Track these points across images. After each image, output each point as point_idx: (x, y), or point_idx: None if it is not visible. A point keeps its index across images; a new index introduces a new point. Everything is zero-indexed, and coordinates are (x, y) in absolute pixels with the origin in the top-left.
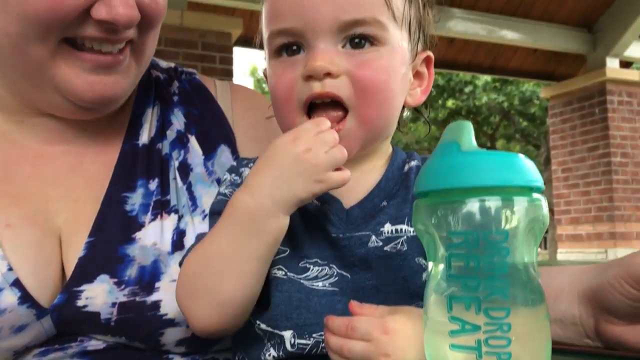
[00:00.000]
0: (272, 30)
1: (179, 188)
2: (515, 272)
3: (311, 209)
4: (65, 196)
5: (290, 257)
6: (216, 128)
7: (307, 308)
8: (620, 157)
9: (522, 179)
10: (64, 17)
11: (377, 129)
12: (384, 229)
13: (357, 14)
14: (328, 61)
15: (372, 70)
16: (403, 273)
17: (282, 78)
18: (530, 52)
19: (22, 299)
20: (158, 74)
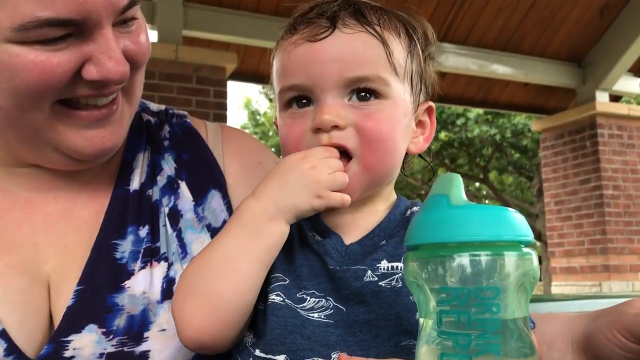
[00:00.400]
0: (283, 86)
1: (169, 235)
2: (507, 329)
3: (312, 243)
4: (55, 242)
5: (289, 287)
6: (207, 172)
7: (302, 334)
8: (612, 190)
9: (512, 234)
10: (56, 84)
11: (379, 175)
12: (380, 265)
13: (361, 71)
14: (335, 115)
15: (376, 121)
16: (396, 309)
17: (292, 130)
18: (521, 86)
19: (8, 351)
20: (149, 118)
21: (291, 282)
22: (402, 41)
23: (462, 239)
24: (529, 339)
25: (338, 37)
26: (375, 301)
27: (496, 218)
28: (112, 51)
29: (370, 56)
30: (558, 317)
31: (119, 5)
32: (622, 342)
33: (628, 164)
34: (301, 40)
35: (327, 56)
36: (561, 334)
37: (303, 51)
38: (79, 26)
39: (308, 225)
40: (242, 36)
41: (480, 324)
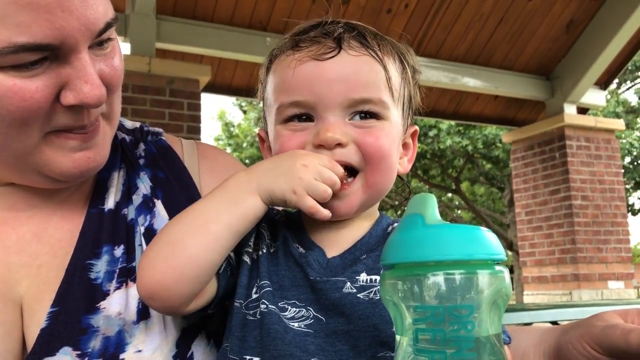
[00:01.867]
0: (284, 102)
1: None
2: (481, 345)
3: (296, 255)
4: (29, 263)
5: (273, 295)
6: (182, 191)
7: (282, 340)
8: (580, 200)
9: (485, 252)
10: (37, 110)
11: (379, 192)
12: (359, 278)
13: (365, 94)
14: (339, 133)
15: (376, 138)
16: (374, 321)
17: (291, 141)
18: (491, 99)
19: None
20: (124, 136)
21: (274, 291)
22: (397, 67)
23: (436, 258)
24: (502, 355)
25: (344, 58)
26: (353, 312)
27: (469, 237)
28: (89, 75)
29: (374, 79)
30: (530, 330)
31: (96, 29)
32: (590, 354)
33: (596, 174)
34: (307, 58)
35: (334, 75)
36: (533, 346)
37: (309, 69)
38: (55, 50)
39: (293, 237)
40: (216, 49)
41: (455, 342)
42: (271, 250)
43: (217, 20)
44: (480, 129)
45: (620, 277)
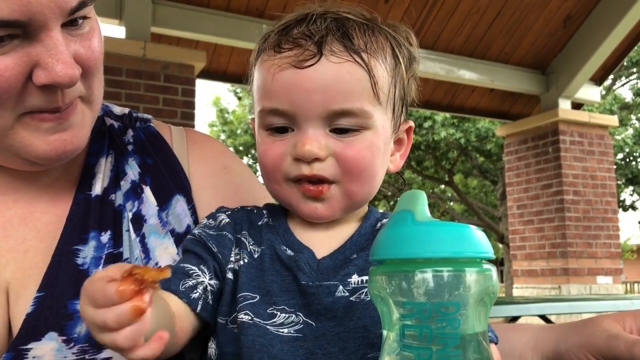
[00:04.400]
0: (264, 108)
1: (132, 240)
2: (466, 343)
3: (284, 258)
4: (15, 248)
5: (258, 304)
6: (171, 177)
7: (269, 354)
8: (572, 195)
9: (473, 250)
10: (8, 89)
11: (358, 201)
12: (351, 280)
13: (345, 104)
14: (317, 147)
15: (357, 151)
16: (364, 322)
17: (271, 151)
18: (486, 92)
19: None
20: (112, 122)
21: (261, 299)
22: (388, 65)
23: (425, 255)
24: (487, 353)
25: (324, 65)
26: (345, 315)
27: (458, 235)
28: (61, 54)
29: (356, 88)
30: (525, 329)
31: (67, 6)
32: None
33: (588, 170)
34: (286, 65)
35: (312, 86)
36: (530, 348)
37: (288, 77)
38: (24, 27)
39: (280, 240)
40: (212, 34)
41: (441, 338)
42: (255, 256)
43: (213, 5)
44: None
45: (609, 272)
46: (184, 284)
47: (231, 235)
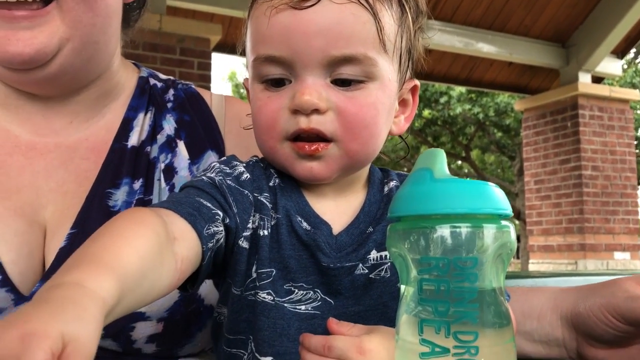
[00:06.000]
0: (259, 55)
1: (162, 189)
2: (483, 297)
3: (301, 233)
4: (55, 190)
5: (276, 280)
6: (206, 134)
7: (288, 336)
8: (590, 171)
9: (491, 207)
10: None
11: (359, 161)
12: (370, 257)
13: (347, 49)
14: (316, 97)
15: (360, 107)
16: (384, 299)
17: (267, 107)
18: (505, 65)
19: (2, 283)
20: (155, 82)
21: (278, 273)
22: (394, 13)
23: (443, 211)
24: (504, 309)
25: (325, 6)
26: (364, 293)
27: (477, 192)
28: None
29: (360, 31)
30: (544, 291)
31: None
32: (613, 323)
33: (607, 145)
34: (284, 6)
35: (312, 29)
36: (549, 308)
37: (285, 19)
38: None
39: (294, 208)
40: (227, 7)
41: (458, 292)
42: (272, 223)
43: None
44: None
45: (627, 248)
46: (207, 229)
47: (252, 196)
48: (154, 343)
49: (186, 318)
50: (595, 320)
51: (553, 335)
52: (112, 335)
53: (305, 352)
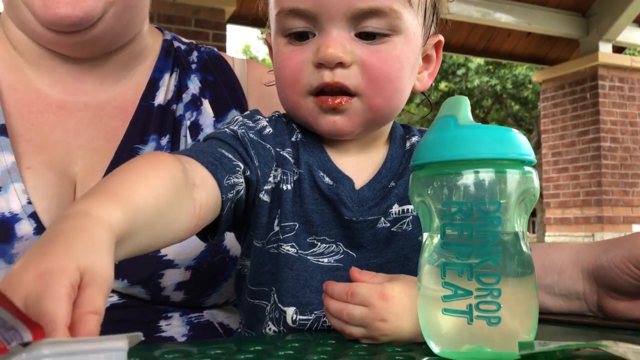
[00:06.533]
0: (282, 8)
1: (188, 144)
2: (506, 241)
3: (323, 187)
4: (85, 146)
5: (299, 233)
6: (229, 94)
7: (311, 287)
8: (609, 142)
9: (515, 152)
10: None
11: (382, 117)
12: (392, 210)
13: (373, 2)
14: (341, 50)
15: (384, 61)
16: (405, 251)
17: (290, 61)
18: (523, 36)
19: (37, 230)
20: (179, 45)
21: (301, 227)
22: None
23: (467, 156)
24: (528, 255)
25: None
26: (386, 246)
27: (501, 138)
28: None
29: None
30: (565, 246)
31: None
32: (635, 274)
33: (627, 116)
34: None
35: None
36: (571, 262)
37: None
38: None
39: (317, 164)
40: None
41: (481, 236)
42: (294, 178)
43: None
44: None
45: None
46: (227, 179)
47: (274, 150)
48: (181, 291)
49: (212, 268)
50: (617, 272)
51: (573, 288)
52: (141, 282)
53: (328, 299)
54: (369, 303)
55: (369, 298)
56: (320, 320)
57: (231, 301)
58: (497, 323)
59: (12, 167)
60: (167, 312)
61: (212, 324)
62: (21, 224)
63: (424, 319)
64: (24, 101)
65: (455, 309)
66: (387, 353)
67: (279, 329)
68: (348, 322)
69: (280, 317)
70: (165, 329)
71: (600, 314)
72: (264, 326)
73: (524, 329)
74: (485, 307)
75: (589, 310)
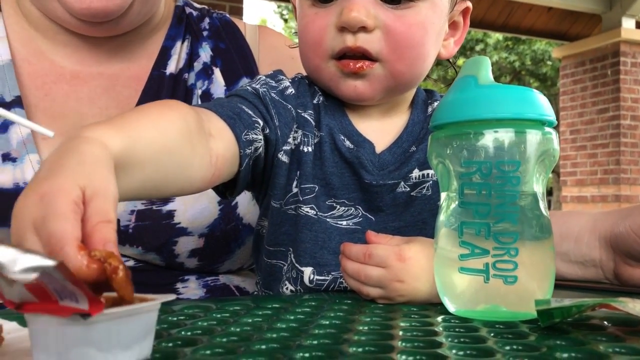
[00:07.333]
0: None
1: None
2: (524, 200)
3: (344, 151)
4: (98, 115)
5: (319, 195)
6: (241, 62)
7: (329, 249)
8: (629, 120)
9: (535, 113)
10: None
11: (406, 82)
12: (412, 175)
13: None
14: (364, 14)
15: (408, 26)
16: (423, 215)
17: (314, 24)
18: (544, 11)
19: None
20: (191, 11)
21: (320, 189)
22: None
23: (487, 116)
24: (545, 216)
25: None
26: (405, 210)
27: (521, 97)
28: None
29: None
30: (582, 214)
31: None
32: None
33: None
34: None
35: None
36: (588, 230)
37: None
38: None
39: (338, 127)
40: None
41: (500, 195)
42: (315, 141)
43: None
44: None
45: None
46: (246, 134)
47: (294, 111)
48: (195, 257)
49: (226, 235)
50: (635, 238)
51: (590, 256)
52: (155, 249)
53: (345, 260)
54: (387, 264)
55: (386, 259)
56: (337, 281)
57: (245, 267)
58: (513, 282)
59: (27, 139)
60: (184, 275)
61: (229, 286)
62: None
63: (440, 279)
64: (38, 73)
65: (472, 268)
66: (403, 312)
67: (296, 288)
68: (365, 283)
69: (298, 277)
70: (182, 291)
71: (616, 281)
72: (281, 285)
73: (540, 290)
74: (502, 265)
75: (604, 277)
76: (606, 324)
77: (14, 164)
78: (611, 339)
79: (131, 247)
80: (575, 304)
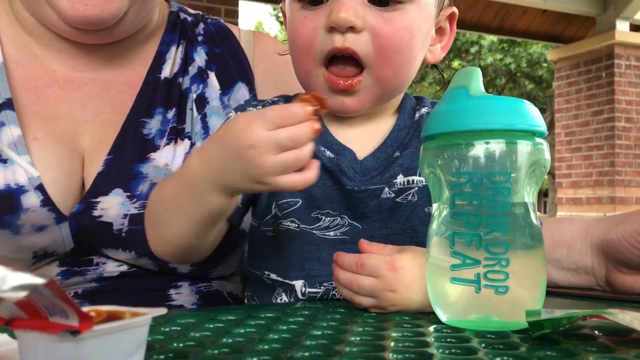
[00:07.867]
0: None
1: (194, 117)
2: (515, 211)
3: (325, 161)
4: (92, 119)
5: (302, 208)
6: (236, 66)
7: (318, 260)
8: (624, 122)
9: (526, 124)
10: None
11: (392, 88)
12: (396, 181)
13: None
14: (353, 14)
15: (396, 29)
16: (412, 222)
17: (304, 27)
18: (539, 13)
19: (44, 202)
20: (186, 17)
21: (304, 203)
22: None
23: (478, 127)
24: (537, 226)
25: None
26: (391, 217)
27: (512, 108)
28: None
29: None
30: (575, 221)
31: None
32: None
33: None
34: None
35: None
36: (580, 237)
37: None
38: None
39: (317, 139)
40: None
41: (491, 206)
42: None
43: None
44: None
45: None
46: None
47: None
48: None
49: None
50: (627, 245)
51: (582, 262)
52: (149, 254)
53: (338, 270)
54: (379, 274)
55: (378, 269)
56: (329, 292)
57: (238, 273)
58: (504, 292)
59: (18, 140)
60: (177, 281)
61: (222, 293)
62: (27, 195)
63: (432, 288)
64: (30, 76)
65: (464, 278)
66: (395, 321)
67: (290, 301)
68: (358, 293)
69: (289, 290)
70: (175, 298)
71: (608, 288)
72: (274, 296)
73: (531, 299)
74: (493, 276)
75: (597, 284)
76: (597, 333)
77: (5, 165)
78: (601, 349)
79: (124, 252)
80: (565, 316)
